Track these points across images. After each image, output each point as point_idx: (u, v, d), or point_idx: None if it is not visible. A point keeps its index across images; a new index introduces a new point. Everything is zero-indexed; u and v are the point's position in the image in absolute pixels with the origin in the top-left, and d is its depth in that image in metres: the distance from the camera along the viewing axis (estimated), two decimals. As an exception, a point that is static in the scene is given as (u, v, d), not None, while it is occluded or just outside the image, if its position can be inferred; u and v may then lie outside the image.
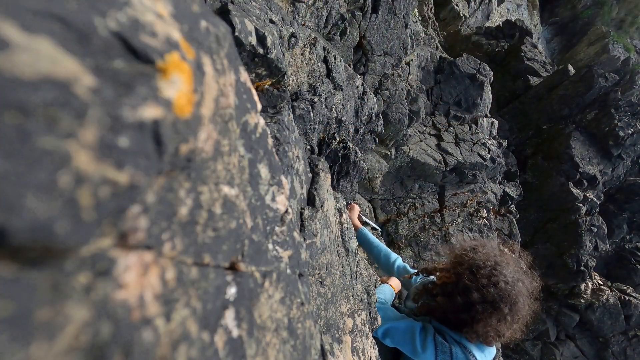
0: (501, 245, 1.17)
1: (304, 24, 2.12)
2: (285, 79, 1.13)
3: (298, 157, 0.83)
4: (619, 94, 7.00)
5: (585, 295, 6.42)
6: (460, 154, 4.46)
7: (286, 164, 0.75)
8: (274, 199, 0.44)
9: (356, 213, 1.57)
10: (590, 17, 11.70)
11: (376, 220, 4.08)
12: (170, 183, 0.25)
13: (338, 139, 1.98)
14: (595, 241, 6.77)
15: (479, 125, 5.08)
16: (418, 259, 4.17)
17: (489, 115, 5.37)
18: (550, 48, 12.15)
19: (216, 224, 0.30)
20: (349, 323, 0.83)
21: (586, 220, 6.54)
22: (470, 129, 4.94)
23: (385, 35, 3.32)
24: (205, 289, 0.29)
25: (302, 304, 0.48)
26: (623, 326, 6.24)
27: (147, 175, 0.21)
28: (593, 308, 6.28)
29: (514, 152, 7.04)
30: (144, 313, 0.22)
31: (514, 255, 1.14)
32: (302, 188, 0.86)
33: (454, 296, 1.01)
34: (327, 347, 0.69)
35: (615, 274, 7.11)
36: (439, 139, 4.56)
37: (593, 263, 6.51)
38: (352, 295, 0.93)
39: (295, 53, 1.57)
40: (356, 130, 2.30)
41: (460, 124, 4.92)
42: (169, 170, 0.24)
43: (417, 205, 4.35)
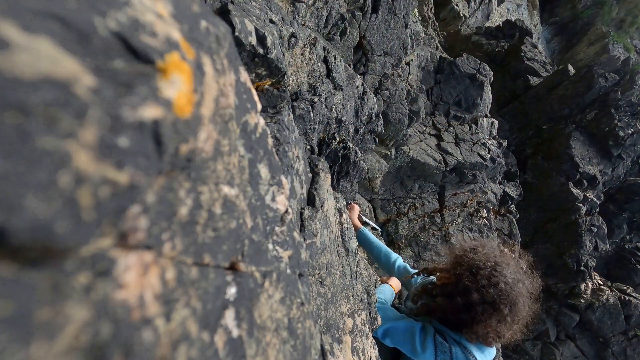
0: (501, 246, 1.17)
1: (304, 24, 2.11)
2: (285, 79, 1.13)
3: (298, 157, 0.83)
4: (619, 94, 6.99)
5: (585, 295, 6.41)
6: (460, 154, 4.46)
7: (286, 164, 0.75)
8: (274, 199, 0.44)
9: (356, 213, 1.57)
10: (590, 17, 11.69)
11: (376, 220, 4.08)
12: (170, 183, 0.24)
13: (338, 139, 1.98)
14: (595, 241, 6.77)
15: (479, 125, 5.08)
16: (418, 259, 4.17)
17: (489, 115, 5.37)
18: (550, 48, 12.14)
19: (216, 224, 0.30)
20: (349, 323, 0.83)
21: (586, 220, 6.53)
22: (470, 129, 4.94)
23: (385, 35, 3.32)
24: (205, 289, 0.29)
25: (302, 304, 0.48)
26: (623, 326, 6.24)
27: (147, 175, 0.21)
28: (593, 308, 6.28)
29: (514, 152, 7.04)
30: (144, 313, 0.22)
31: (514, 255, 1.14)
32: (302, 188, 0.86)
33: (454, 297, 1.01)
34: (327, 347, 0.69)
35: (615, 274, 7.11)
36: (439, 139, 4.56)
37: (593, 263, 6.51)
38: (352, 295, 0.93)
39: (295, 53, 1.57)
40: (356, 130, 2.30)
41: (460, 124, 4.92)
42: (169, 170, 0.24)
43: (417, 205, 4.35)
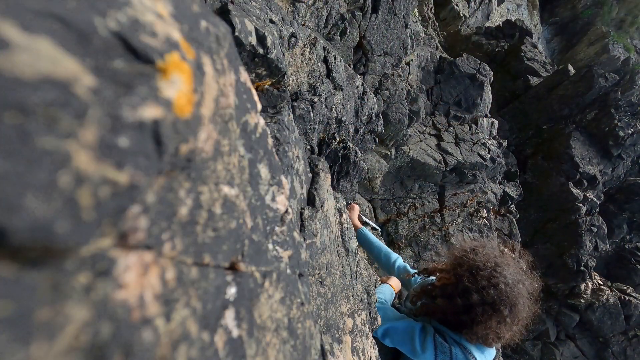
0: (501, 246, 1.17)
1: (304, 24, 2.11)
2: (285, 79, 1.13)
3: (298, 157, 0.83)
4: (619, 94, 7.00)
5: (585, 295, 6.41)
6: (460, 154, 4.46)
7: (286, 164, 0.75)
8: (274, 199, 0.44)
9: (356, 213, 1.57)
10: (590, 17, 11.70)
11: (376, 220, 4.08)
12: (170, 183, 0.24)
13: (338, 139, 1.98)
14: (595, 241, 6.77)
15: (479, 125, 5.08)
16: (418, 259, 4.17)
17: (489, 115, 5.37)
18: (550, 48, 12.14)
19: (216, 224, 0.30)
20: (349, 323, 0.83)
21: (586, 220, 6.54)
22: (470, 129, 4.94)
23: (385, 35, 3.32)
24: (205, 289, 0.29)
25: (302, 304, 0.48)
26: (623, 326, 6.24)
27: (147, 175, 0.21)
28: (593, 308, 6.28)
29: (514, 152, 7.04)
30: (144, 313, 0.22)
31: (514, 255, 1.14)
32: (302, 188, 0.86)
33: (454, 298, 1.01)
34: (327, 347, 0.69)
35: (615, 274, 7.11)
36: (439, 139, 4.56)
37: (593, 263, 6.51)
38: (352, 295, 0.93)
39: (295, 53, 1.57)
40: (356, 130, 2.30)
41: (460, 124, 4.92)
42: (169, 170, 0.24)
43: (417, 205, 4.35)
